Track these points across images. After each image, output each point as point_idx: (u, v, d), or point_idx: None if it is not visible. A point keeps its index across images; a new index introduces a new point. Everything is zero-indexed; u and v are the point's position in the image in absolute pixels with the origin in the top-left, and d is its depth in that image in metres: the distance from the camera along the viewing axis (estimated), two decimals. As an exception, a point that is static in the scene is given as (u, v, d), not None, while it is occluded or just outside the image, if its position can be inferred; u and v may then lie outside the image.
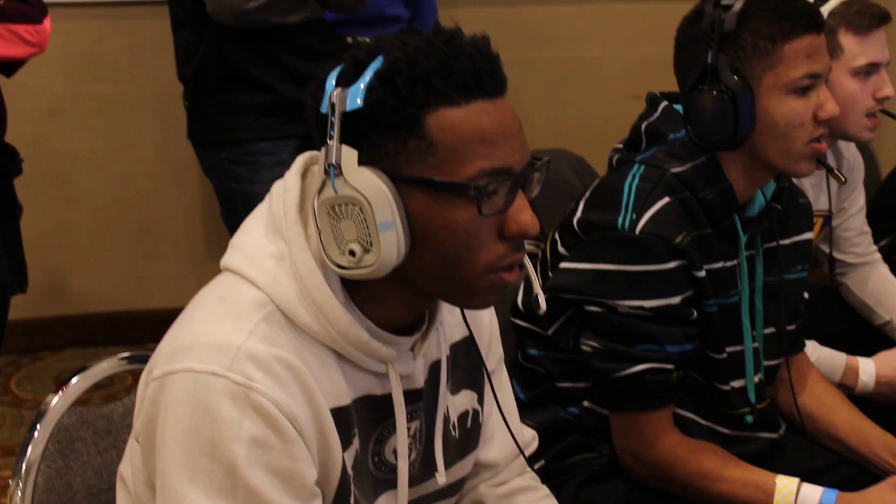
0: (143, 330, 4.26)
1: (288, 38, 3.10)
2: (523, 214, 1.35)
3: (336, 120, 1.31)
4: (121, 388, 3.71)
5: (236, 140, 3.17)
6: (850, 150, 2.78)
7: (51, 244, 4.19)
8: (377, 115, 1.31)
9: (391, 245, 1.31)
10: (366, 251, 1.32)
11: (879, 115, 2.52)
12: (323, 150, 1.33)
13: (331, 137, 1.31)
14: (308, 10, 3.07)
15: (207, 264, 4.36)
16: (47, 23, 2.52)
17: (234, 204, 3.22)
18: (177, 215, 4.37)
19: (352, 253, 1.32)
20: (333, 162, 1.31)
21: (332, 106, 1.31)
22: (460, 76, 1.31)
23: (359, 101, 1.30)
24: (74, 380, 1.68)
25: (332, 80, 1.34)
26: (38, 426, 1.62)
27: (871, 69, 2.47)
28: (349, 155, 1.31)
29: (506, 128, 1.34)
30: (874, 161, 3.23)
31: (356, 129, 1.31)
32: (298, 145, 3.20)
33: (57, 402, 1.64)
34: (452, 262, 1.34)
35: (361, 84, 1.31)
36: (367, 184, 1.30)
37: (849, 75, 2.44)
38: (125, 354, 1.75)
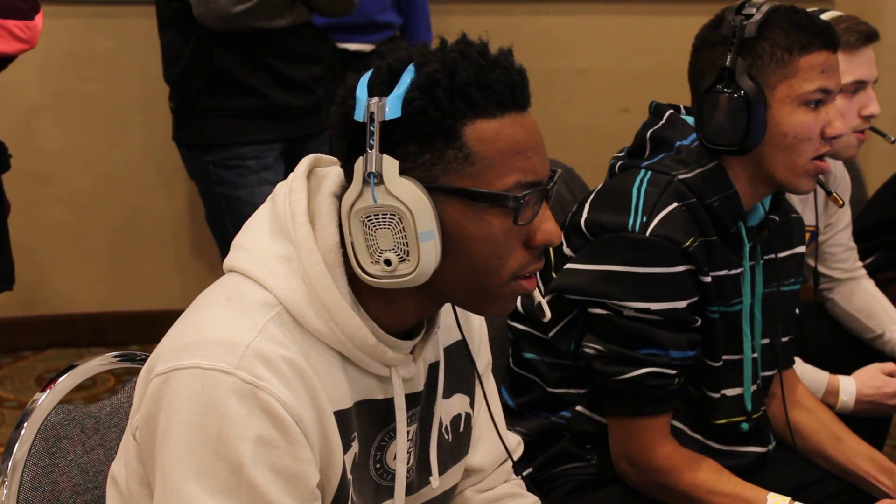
0: (127, 332, 4.21)
1: (275, 42, 3.09)
2: (549, 224, 1.38)
3: (376, 129, 1.31)
4: (103, 390, 3.69)
5: (221, 143, 3.16)
6: (836, 166, 2.79)
7: (34, 243, 4.16)
8: (415, 125, 1.31)
9: (430, 255, 1.32)
10: (402, 261, 1.32)
11: (867, 132, 2.53)
12: (360, 159, 1.32)
13: (370, 147, 1.31)
14: (295, 14, 3.07)
15: (192, 267, 4.34)
16: (39, 19, 2.49)
17: (219, 207, 3.21)
18: (162, 217, 4.35)
19: (387, 262, 1.33)
20: (374, 171, 1.31)
21: (371, 115, 1.31)
22: (497, 89, 1.32)
23: (395, 111, 1.31)
24: (63, 377, 1.66)
25: (363, 89, 1.34)
26: (25, 424, 1.60)
27: (857, 87, 2.48)
28: (390, 164, 1.31)
29: (535, 140, 1.36)
30: (860, 178, 3.24)
31: (392, 139, 1.32)
32: (284, 149, 3.19)
33: (44, 399, 1.62)
34: (482, 271, 1.36)
35: (400, 94, 1.31)
36: (410, 194, 1.31)
37: (835, 92, 2.45)
38: (115, 353, 1.74)
